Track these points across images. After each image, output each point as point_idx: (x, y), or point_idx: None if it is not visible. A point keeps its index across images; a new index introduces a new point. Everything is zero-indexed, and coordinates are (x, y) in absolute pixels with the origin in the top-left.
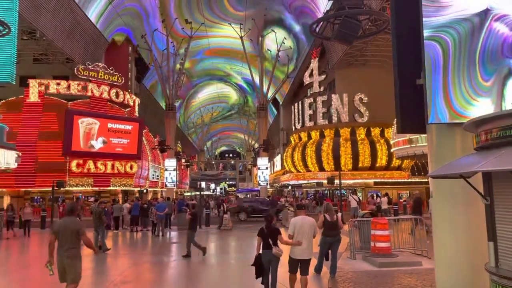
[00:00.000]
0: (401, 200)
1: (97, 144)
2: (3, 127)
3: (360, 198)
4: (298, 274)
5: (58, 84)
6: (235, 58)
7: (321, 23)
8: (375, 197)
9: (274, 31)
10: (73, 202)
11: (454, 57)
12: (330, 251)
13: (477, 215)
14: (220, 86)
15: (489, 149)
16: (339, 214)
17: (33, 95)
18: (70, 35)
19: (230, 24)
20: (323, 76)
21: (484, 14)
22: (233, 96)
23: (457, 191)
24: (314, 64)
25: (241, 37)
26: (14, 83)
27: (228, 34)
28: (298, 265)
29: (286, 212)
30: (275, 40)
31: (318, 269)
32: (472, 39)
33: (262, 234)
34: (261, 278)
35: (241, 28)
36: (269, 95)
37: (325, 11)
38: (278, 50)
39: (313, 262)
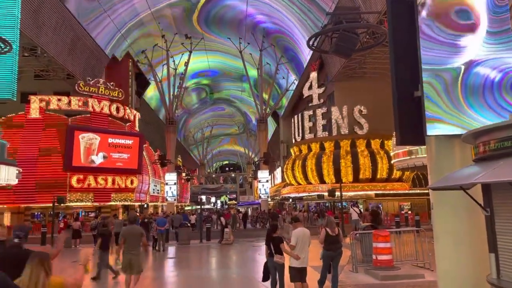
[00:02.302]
0: (403, 212)
1: (98, 159)
2: (3, 144)
3: (361, 210)
4: None
5: (59, 100)
6: (234, 76)
7: (319, 36)
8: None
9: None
10: (135, 214)
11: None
12: (331, 264)
13: (478, 226)
14: (224, 109)
15: (488, 161)
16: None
17: (34, 111)
18: (71, 52)
19: (229, 38)
20: (322, 89)
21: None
22: (235, 118)
23: (457, 203)
24: (313, 76)
25: (240, 52)
26: (15, 99)
27: (227, 50)
28: (300, 274)
29: (288, 226)
30: (274, 54)
31: (321, 282)
32: (455, 82)
33: (267, 243)
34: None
35: (240, 42)
36: (269, 108)
37: (323, 25)
38: (278, 64)
39: (316, 275)
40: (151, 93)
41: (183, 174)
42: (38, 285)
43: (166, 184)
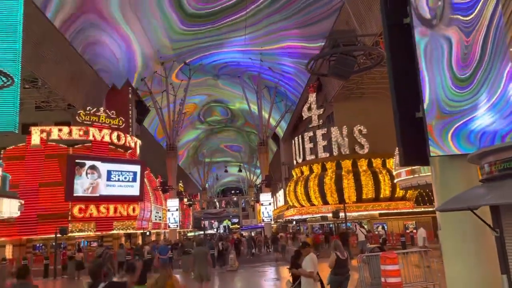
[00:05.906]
0: (408, 231)
1: None
2: (5, 176)
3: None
4: None
5: (60, 130)
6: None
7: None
8: (380, 229)
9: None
10: (201, 238)
11: None
12: None
13: (488, 247)
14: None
15: (495, 181)
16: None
17: (35, 142)
18: (72, 82)
19: (226, 63)
20: (322, 110)
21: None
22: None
23: (465, 223)
24: (312, 98)
25: (239, 76)
26: (17, 132)
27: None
28: None
29: (292, 249)
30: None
31: None
32: None
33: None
34: None
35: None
36: (269, 130)
37: (321, 49)
38: (276, 87)
39: None
40: (150, 118)
41: (185, 200)
42: (168, 279)
43: (168, 210)
